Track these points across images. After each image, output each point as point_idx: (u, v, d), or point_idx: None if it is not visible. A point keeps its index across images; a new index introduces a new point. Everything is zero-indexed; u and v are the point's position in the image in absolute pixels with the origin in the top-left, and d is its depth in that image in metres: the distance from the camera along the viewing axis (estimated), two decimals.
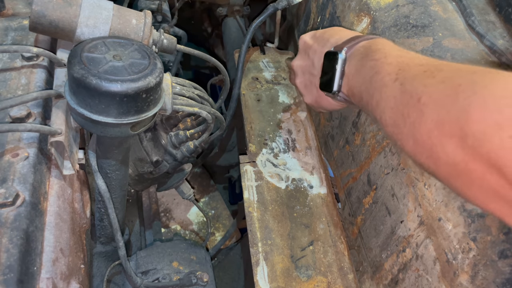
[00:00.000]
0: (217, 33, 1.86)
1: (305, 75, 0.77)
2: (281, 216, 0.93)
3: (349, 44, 0.64)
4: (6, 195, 0.58)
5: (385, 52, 0.56)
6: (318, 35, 0.75)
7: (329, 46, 0.69)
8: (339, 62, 0.63)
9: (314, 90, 0.74)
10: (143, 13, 0.76)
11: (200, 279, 0.82)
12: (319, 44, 0.73)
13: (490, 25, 0.80)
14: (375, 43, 0.60)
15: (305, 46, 0.78)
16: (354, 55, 0.62)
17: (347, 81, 0.62)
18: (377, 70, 0.54)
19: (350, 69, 0.62)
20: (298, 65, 0.79)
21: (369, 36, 0.65)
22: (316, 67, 0.72)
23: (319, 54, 0.71)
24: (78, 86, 0.59)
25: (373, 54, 0.57)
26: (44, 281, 0.58)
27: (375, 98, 0.53)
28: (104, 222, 0.86)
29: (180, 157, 0.88)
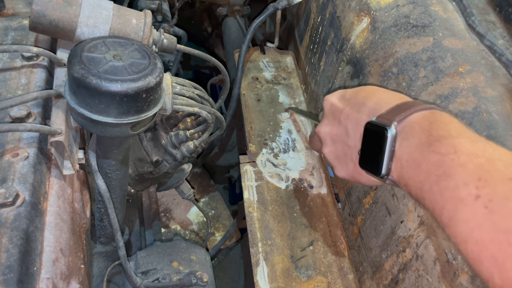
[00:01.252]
0: (217, 33, 1.86)
1: (337, 145, 0.65)
2: (281, 216, 0.93)
3: (399, 117, 0.52)
4: (6, 195, 0.58)
5: (454, 145, 0.45)
6: (349, 97, 0.64)
7: (367, 112, 0.58)
8: (388, 140, 0.52)
9: (350, 164, 0.63)
10: (143, 13, 0.76)
11: (200, 279, 0.82)
12: (352, 109, 0.61)
13: (490, 25, 0.80)
14: (436, 124, 0.49)
15: (334, 109, 0.66)
16: (408, 133, 0.51)
17: (399, 167, 0.51)
18: (445, 170, 0.44)
19: (403, 153, 0.51)
20: (326, 132, 0.67)
21: (423, 106, 0.53)
22: (351, 137, 0.61)
23: (354, 122, 0.60)
24: (78, 86, 0.59)
25: (436, 144, 0.47)
26: (44, 281, 0.58)
27: (447, 212, 0.43)
28: (104, 222, 0.86)
29: (180, 157, 0.88)
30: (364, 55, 0.87)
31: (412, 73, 0.75)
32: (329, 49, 1.05)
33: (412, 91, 0.73)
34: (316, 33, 1.15)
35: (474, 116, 0.65)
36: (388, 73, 0.79)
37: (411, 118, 0.52)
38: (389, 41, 0.82)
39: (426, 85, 0.72)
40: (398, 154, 0.52)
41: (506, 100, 0.67)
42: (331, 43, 1.03)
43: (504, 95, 0.67)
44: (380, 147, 0.53)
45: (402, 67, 0.77)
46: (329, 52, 1.05)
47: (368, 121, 0.56)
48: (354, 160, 0.60)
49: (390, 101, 0.56)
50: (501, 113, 0.65)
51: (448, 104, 0.68)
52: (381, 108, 0.56)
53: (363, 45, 0.88)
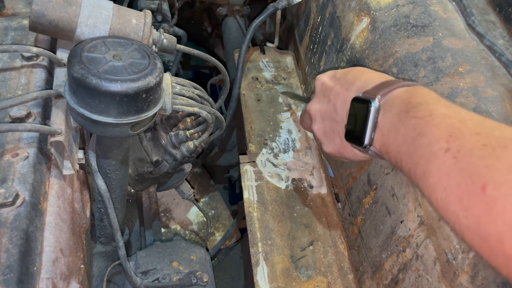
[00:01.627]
0: (217, 33, 1.86)
1: (325, 121, 0.68)
2: (281, 216, 0.93)
3: (383, 91, 0.55)
4: (6, 195, 0.58)
5: (430, 109, 0.48)
6: (339, 76, 0.66)
7: (355, 90, 0.61)
8: (371, 111, 0.55)
9: (337, 139, 0.65)
10: (143, 13, 0.76)
11: (200, 279, 0.82)
12: (342, 87, 0.64)
13: (490, 25, 0.80)
14: (415, 94, 0.52)
15: (324, 88, 0.68)
16: (390, 105, 0.54)
17: (380, 136, 0.54)
18: (421, 131, 0.47)
19: (385, 122, 0.54)
20: (316, 109, 0.70)
21: (405, 82, 0.56)
22: (339, 114, 0.63)
23: (343, 99, 0.63)
24: (78, 86, 0.59)
25: (414, 110, 0.50)
26: (44, 281, 0.58)
27: (420, 167, 0.46)
28: (104, 222, 0.86)
29: (180, 157, 0.88)
30: (364, 55, 0.87)
31: (412, 73, 0.75)
32: (329, 49, 1.05)
33: None
34: (316, 33, 1.15)
35: None
36: (388, 73, 0.79)
37: (394, 92, 0.55)
38: (389, 41, 0.82)
39: (426, 85, 0.72)
40: (381, 125, 0.54)
41: (506, 100, 0.67)
42: (331, 43, 1.03)
43: (504, 95, 0.67)
44: (364, 119, 0.56)
45: (402, 67, 0.77)
46: (329, 52, 1.05)
47: (355, 96, 0.59)
48: (341, 135, 0.63)
49: (377, 80, 0.59)
50: (501, 113, 0.65)
51: None
52: (367, 86, 0.59)
53: (363, 45, 0.88)
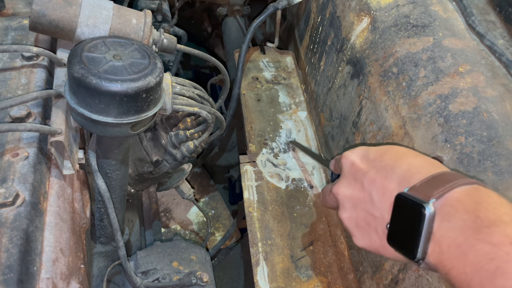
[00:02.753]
0: (217, 33, 1.86)
1: (358, 212, 0.57)
2: (281, 216, 0.93)
3: (437, 192, 0.46)
4: (6, 195, 0.58)
5: (508, 233, 0.40)
6: (373, 157, 0.57)
7: (397, 180, 0.52)
8: (426, 220, 0.45)
9: (373, 236, 0.55)
10: (143, 13, 0.76)
11: (200, 279, 0.82)
12: (378, 173, 0.54)
13: (490, 25, 0.80)
14: (482, 204, 0.43)
15: (355, 170, 0.58)
16: (449, 214, 0.45)
17: (438, 252, 0.45)
18: (499, 266, 0.38)
19: (444, 236, 0.45)
20: (345, 195, 0.59)
21: (462, 179, 0.47)
22: (377, 207, 0.54)
23: (381, 189, 0.53)
24: (78, 86, 0.59)
25: (486, 231, 0.41)
26: (44, 281, 0.58)
27: None
28: (104, 222, 0.86)
29: (180, 157, 0.88)
30: (364, 55, 0.87)
31: (412, 73, 0.75)
32: (329, 49, 1.05)
33: (412, 91, 0.74)
34: (316, 33, 1.15)
35: (474, 116, 0.65)
36: (388, 73, 0.79)
37: (451, 195, 0.46)
38: (389, 41, 0.82)
39: (426, 85, 0.72)
40: (437, 237, 0.45)
41: (506, 100, 0.67)
42: (331, 43, 1.03)
43: (504, 95, 0.67)
44: (415, 226, 0.46)
45: (402, 67, 0.77)
46: (329, 52, 1.05)
47: (399, 193, 0.50)
48: (380, 233, 0.54)
49: (423, 169, 0.51)
50: (501, 113, 0.65)
51: (448, 104, 0.68)
52: (413, 178, 0.50)
53: (363, 45, 0.88)
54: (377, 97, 0.81)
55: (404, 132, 0.72)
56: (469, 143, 0.63)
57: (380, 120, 0.79)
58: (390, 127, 0.76)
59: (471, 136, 0.64)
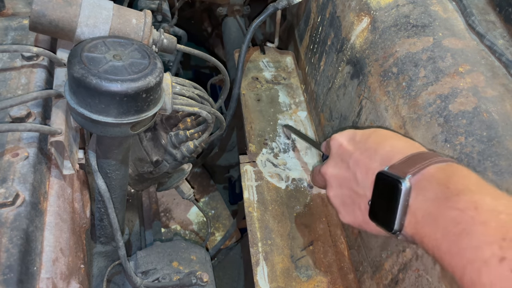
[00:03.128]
0: (217, 33, 1.86)
1: (343, 190, 0.62)
2: (281, 216, 0.93)
3: (413, 169, 0.50)
4: (6, 195, 0.58)
5: (475, 200, 0.43)
6: (359, 139, 0.61)
7: (379, 160, 0.55)
8: (402, 193, 0.49)
9: (357, 212, 0.60)
10: (143, 13, 0.76)
11: (200, 279, 0.82)
12: (362, 154, 0.58)
13: (490, 25, 0.80)
14: (453, 177, 0.47)
15: (342, 151, 0.63)
16: (423, 187, 0.48)
17: (413, 222, 0.49)
18: (465, 227, 0.41)
19: (419, 207, 0.48)
20: (332, 174, 0.64)
21: (438, 158, 0.51)
22: (360, 185, 0.58)
23: (365, 169, 0.57)
24: (78, 86, 0.59)
25: (454, 198, 0.44)
26: (44, 281, 0.58)
27: (468, 274, 0.40)
28: (104, 222, 0.86)
29: (180, 157, 0.88)
30: (364, 55, 0.87)
31: (412, 73, 0.75)
32: (329, 49, 1.05)
33: (412, 91, 0.74)
34: (316, 33, 1.15)
35: (474, 116, 0.65)
36: (388, 73, 0.79)
37: (426, 171, 0.49)
38: (389, 41, 0.82)
39: (426, 85, 0.72)
40: (413, 209, 0.49)
41: (506, 100, 0.67)
42: (331, 43, 1.03)
43: (504, 95, 0.67)
44: (393, 201, 0.50)
45: (402, 67, 0.77)
46: (329, 52, 1.05)
47: (380, 171, 0.53)
48: (363, 209, 0.58)
49: (404, 150, 0.54)
50: (501, 113, 0.65)
51: (448, 104, 0.68)
52: (393, 157, 0.53)
53: (363, 45, 0.88)
54: (377, 97, 0.81)
55: (404, 132, 0.72)
56: (469, 143, 0.63)
57: (380, 120, 0.79)
58: (390, 127, 0.76)
59: (471, 136, 0.64)
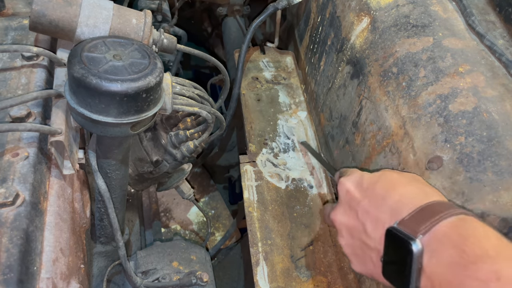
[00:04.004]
0: (217, 33, 1.86)
1: (354, 240, 0.59)
2: (281, 216, 0.93)
3: (424, 226, 0.47)
4: (6, 195, 0.58)
5: (495, 270, 0.40)
6: (367, 186, 0.58)
7: (388, 212, 0.53)
8: (414, 257, 0.47)
9: (369, 264, 0.57)
10: (143, 13, 0.76)
11: (200, 279, 0.82)
12: (371, 203, 0.56)
13: (490, 25, 0.80)
14: (468, 238, 0.44)
15: (349, 198, 0.61)
16: (436, 249, 0.46)
17: (430, 286, 0.46)
18: None
19: (434, 272, 0.46)
20: (342, 222, 0.62)
21: (449, 210, 0.48)
22: (371, 238, 0.55)
23: (374, 221, 0.55)
24: (78, 86, 0.59)
25: (473, 267, 0.42)
26: (44, 281, 0.58)
27: None
28: (104, 222, 0.86)
29: (180, 157, 0.88)
30: (364, 55, 0.87)
31: (412, 73, 0.75)
32: (329, 49, 1.05)
33: (412, 91, 0.74)
34: (316, 33, 1.15)
35: (474, 116, 0.65)
36: (388, 73, 0.79)
37: (438, 228, 0.47)
38: (389, 41, 0.82)
39: (426, 85, 0.72)
40: (428, 272, 0.47)
41: (506, 100, 0.67)
42: (331, 43, 1.03)
43: (504, 95, 0.67)
44: (406, 262, 0.48)
45: (402, 67, 0.77)
46: (329, 52, 1.05)
47: (390, 227, 0.51)
48: (375, 261, 0.56)
49: (413, 200, 0.52)
50: (501, 113, 0.65)
51: (448, 104, 0.68)
52: (403, 210, 0.51)
53: (363, 45, 0.88)
54: (377, 97, 0.81)
55: (404, 132, 0.72)
56: (469, 143, 0.63)
57: (380, 120, 0.79)
58: (390, 127, 0.76)
59: (471, 136, 0.64)
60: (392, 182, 0.57)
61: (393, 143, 0.75)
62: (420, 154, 0.68)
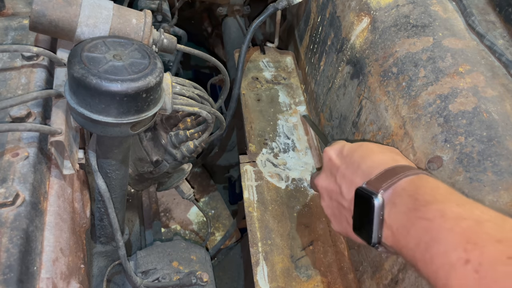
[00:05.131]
0: (217, 33, 1.86)
1: (332, 202, 0.66)
2: (281, 216, 0.93)
3: (385, 184, 0.52)
4: (6, 195, 0.58)
5: (440, 209, 0.45)
6: (346, 154, 0.63)
7: (360, 175, 0.58)
8: (375, 209, 0.52)
9: (344, 223, 0.63)
10: (143, 13, 0.76)
11: (200, 279, 0.82)
12: (347, 168, 0.61)
13: (490, 25, 0.80)
14: (421, 188, 0.49)
15: (331, 165, 0.66)
16: (395, 201, 0.51)
17: (390, 235, 0.51)
18: (433, 236, 0.44)
19: (393, 221, 0.51)
20: (323, 186, 0.68)
21: (409, 171, 0.53)
22: (346, 199, 0.61)
23: (349, 183, 0.60)
24: (78, 86, 0.59)
25: (423, 209, 0.47)
26: (44, 281, 0.58)
27: (440, 280, 0.42)
28: (104, 222, 0.86)
29: (180, 157, 0.88)
30: (364, 55, 0.87)
31: (412, 73, 0.75)
32: (329, 49, 1.05)
33: (412, 91, 0.74)
34: (316, 33, 1.15)
35: (474, 116, 0.65)
36: (388, 73, 0.79)
37: (398, 185, 0.52)
38: (389, 41, 0.82)
39: (426, 85, 0.72)
40: (388, 222, 0.51)
41: (506, 100, 0.67)
42: (331, 43, 1.03)
43: (504, 95, 0.67)
44: (369, 216, 0.53)
45: (402, 67, 0.77)
46: (329, 52, 1.05)
47: (358, 187, 0.56)
48: (349, 220, 0.61)
49: (382, 164, 0.56)
50: (501, 113, 0.65)
51: (448, 104, 0.68)
52: (372, 172, 0.56)
53: (363, 45, 0.88)
54: (377, 97, 0.81)
55: (404, 132, 0.72)
56: (469, 143, 0.63)
57: (380, 120, 0.79)
58: (390, 127, 0.76)
59: (471, 136, 0.64)
60: (368, 151, 0.61)
61: (393, 143, 0.75)
62: (420, 154, 0.68)
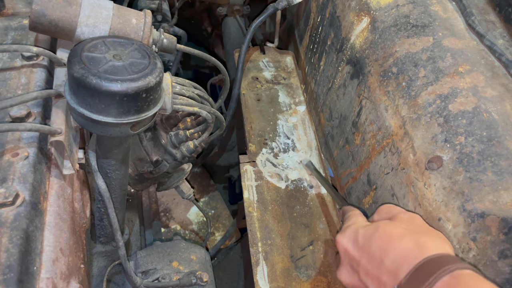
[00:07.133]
0: (217, 33, 1.86)
1: None
2: (281, 216, 0.93)
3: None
4: (6, 195, 0.58)
5: None
6: (363, 244, 0.61)
7: (386, 273, 0.55)
8: None
9: None
10: (143, 13, 0.76)
11: (200, 279, 0.82)
12: (369, 263, 0.58)
13: (490, 25, 0.80)
14: None
15: (349, 258, 0.63)
16: None
17: None
18: None
19: None
20: (347, 282, 0.64)
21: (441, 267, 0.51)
22: None
23: (376, 282, 0.57)
24: (78, 86, 0.59)
25: None
26: (44, 281, 0.58)
27: None
28: (104, 222, 0.86)
29: (180, 157, 0.88)
30: (364, 55, 0.87)
31: (412, 73, 0.75)
32: (329, 49, 1.05)
33: (412, 91, 0.74)
34: (316, 33, 1.15)
35: (474, 116, 0.65)
36: (388, 73, 0.79)
37: None
38: (389, 41, 0.82)
39: (426, 85, 0.72)
40: None
41: (506, 100, 0.67)
42: (331, 43, 1.03)
43: (504, 95, 0.67)
44: None
45: (402, 67, 0.77)
46: (329, 52, 1.05)
47: None
48: None
49: (407, 258, 0.54)
50: (501, 113, 0.65)
51: (448, 104, 0.68)
52: (400, 271, 0.54)
53: (363, 45, 0.88)
54: (377, 97, 0.81)
55: (404, 132, 0.72)
56: (469, 143, 0.63)
57: (380, 120, 0.79)
58: (390, 127, 0.76)
59: (471, 136, 0.64)
60: (386, 238, 0.58)
61: (393, 143, 0.75)
62: (420, 154, 0.68)
